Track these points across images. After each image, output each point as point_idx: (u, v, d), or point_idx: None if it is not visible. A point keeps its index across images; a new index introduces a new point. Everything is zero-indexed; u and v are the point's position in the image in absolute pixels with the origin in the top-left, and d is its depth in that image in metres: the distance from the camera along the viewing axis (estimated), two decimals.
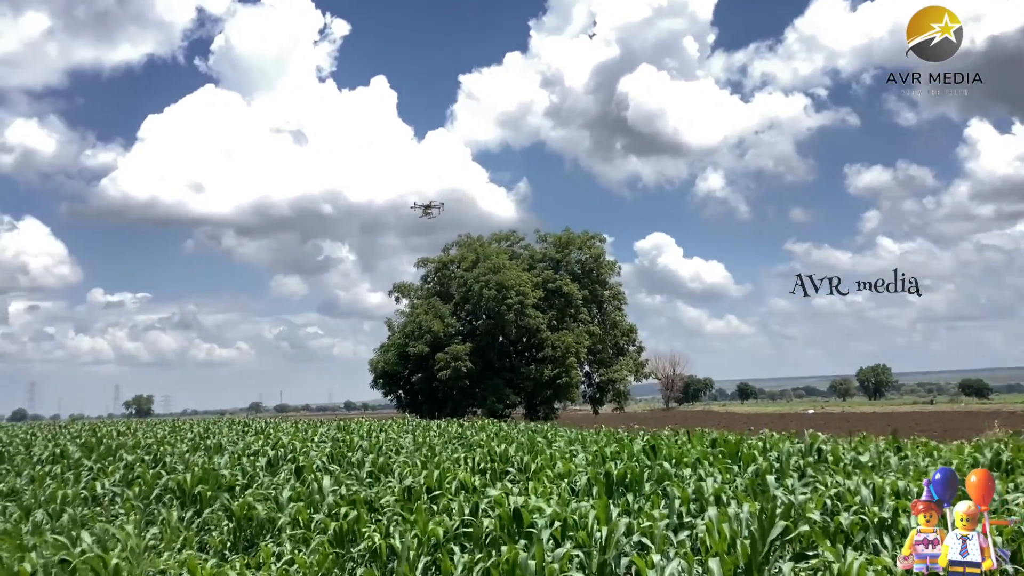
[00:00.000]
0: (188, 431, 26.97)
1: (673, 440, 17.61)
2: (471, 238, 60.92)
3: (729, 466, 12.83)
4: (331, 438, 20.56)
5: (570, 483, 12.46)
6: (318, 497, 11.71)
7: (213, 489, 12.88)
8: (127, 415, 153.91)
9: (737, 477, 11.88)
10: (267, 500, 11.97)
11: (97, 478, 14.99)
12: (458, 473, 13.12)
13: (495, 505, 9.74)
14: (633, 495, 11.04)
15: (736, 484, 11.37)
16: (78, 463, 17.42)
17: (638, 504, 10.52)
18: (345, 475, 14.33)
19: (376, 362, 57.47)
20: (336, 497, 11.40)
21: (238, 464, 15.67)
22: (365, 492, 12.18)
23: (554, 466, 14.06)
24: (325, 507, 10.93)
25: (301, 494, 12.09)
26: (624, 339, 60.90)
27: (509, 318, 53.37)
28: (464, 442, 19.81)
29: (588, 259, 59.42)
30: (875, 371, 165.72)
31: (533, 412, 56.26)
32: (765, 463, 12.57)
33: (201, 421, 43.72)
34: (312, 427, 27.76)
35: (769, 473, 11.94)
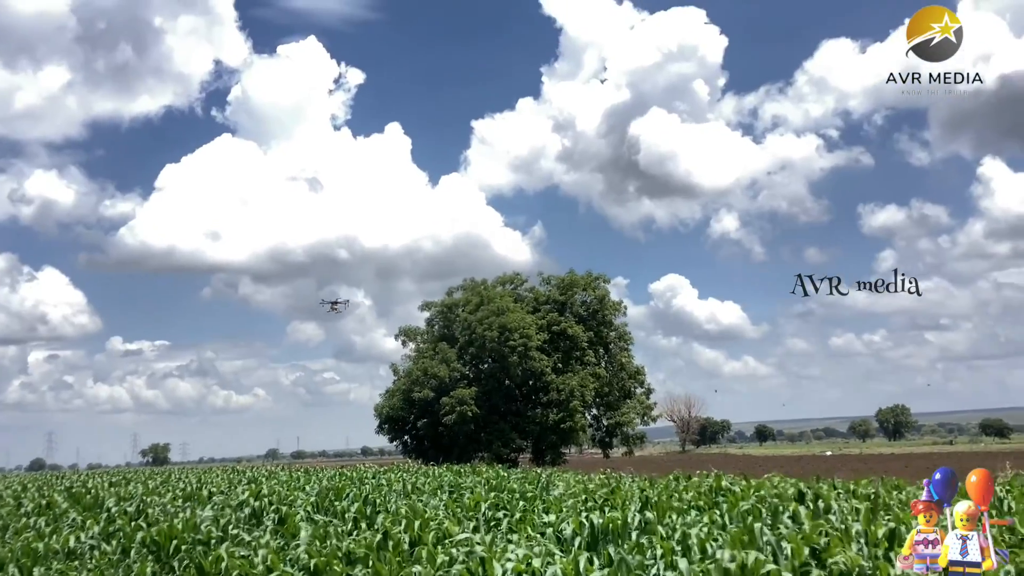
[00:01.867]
0: (180, 481, 26.59)
1: (666, 487, 17.19)
2: (475, 281, 60.72)
3: (718, 514, 12.41)
4: (320, 487, 20.16)
5: (556, 532, 12.12)
6: (292, 550, 11.39)
7: (188, 543, 12.57)
8: (144, 463, 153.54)
9: (721, 527, 11.45)
10: (241, 554, 11.61)
11: (78, 530, 14.68)
12: (443, 522, 12.79)
13: (465, 557, 9.40)
14: (615, 546, 10.67)
15: (724, 532, 10.98)
16: (63, 515, 17.14)
17: (619, 555, 10.15)
18: (328, 525, 13.97)
19: (381, 407, 57.03)
20: (311, 549, 11.04)
21: (222, 515, 15.34)
22: (346, 542, 11.83)
23: (544, 514, 13.71)
24: (289, 561, 10.57)
25: (278, 546, 11.77)
26: (631, 381, 60.19)
27: (513, 360, 52.94)
28: (457, 489, 19.39)
29: (593, 300, 59.02)
30: (894, 412, 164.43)
31: (540, 457, 55.59)
32: (755, 510, 12.16)
33: (194, 470, 43.31)
34: (306, 475, 27.37)
35: (758, 520, 11.55)
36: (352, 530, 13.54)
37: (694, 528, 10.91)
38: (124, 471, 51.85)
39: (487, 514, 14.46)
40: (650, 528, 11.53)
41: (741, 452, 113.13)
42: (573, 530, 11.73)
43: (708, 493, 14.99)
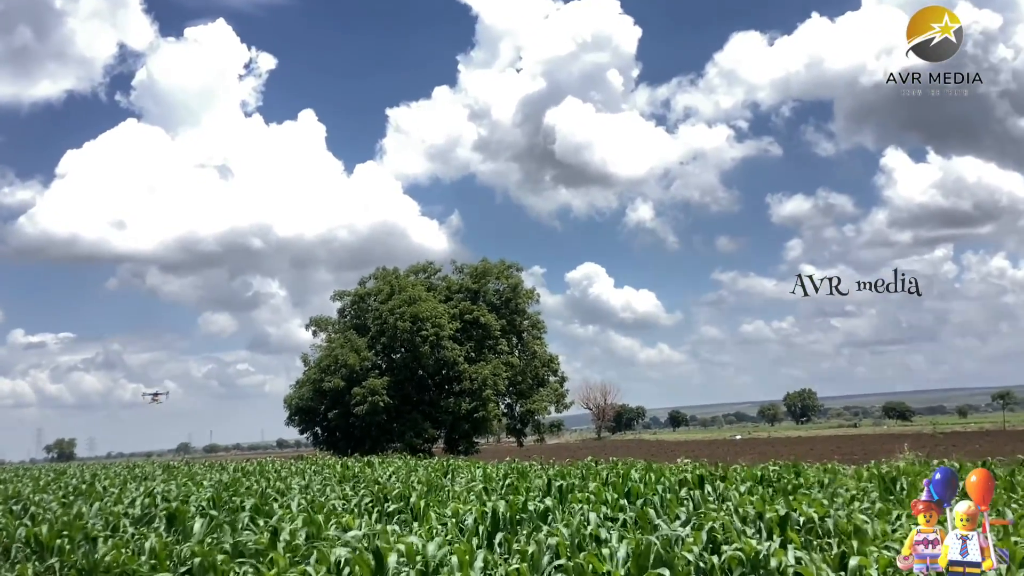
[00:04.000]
0: (72, 478, 25.56)
1: (566, 474, 17.20)
2: (387, 270, 60.04)
3: (619, 500, 12.43)
4: (217, 482, 19.59)
5: (459, 522, 11.95)
6: (178, 547, 10.94)
7: (73, 541, 11.99)
8: (49, 459, 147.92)
9: (622, 512, 11.46)
10: (129, 551, 11.12)
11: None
12: (342, 516, 12.51)
13: (359, 550, 9.14)
14: (514, 534, 10.57)
15: (624, 518, 10.99)
16: None
17: (517, 544, 10.06)
18: (221, 521, 13.51)
19: (291, 398, 55.95)
20: (196, 546, 10.62)
21: (112, 513, 14.73)
22: (236, 538, 11.44)
23: (446, 504, 13.55)
24: (175, 557, 10.16)
25: (166, 543, 11.31)
26: (544, 369, 60.40)
27: (425, 350, 52.58)
28: (360, 481, 19.06)
29: (506, 289, 58.99)
30: (801, 396, 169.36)
31: (453, 446, 55.41)
32: (656, 496, 12.23)
33: (91, 466, 41.82)
34: (208, 469, 26.64)
35: (656, 506, 11.61)
36: (247, 526, 13.12)
37: (591, 516, 10.89)
38: (19, 468, 49.79)
39: (390, 505, 14.23)
40: (550, 516, 11.49)
41: (655, 438, 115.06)
42: (474, 519, 11.59)
43: (613, 480, 15.02)
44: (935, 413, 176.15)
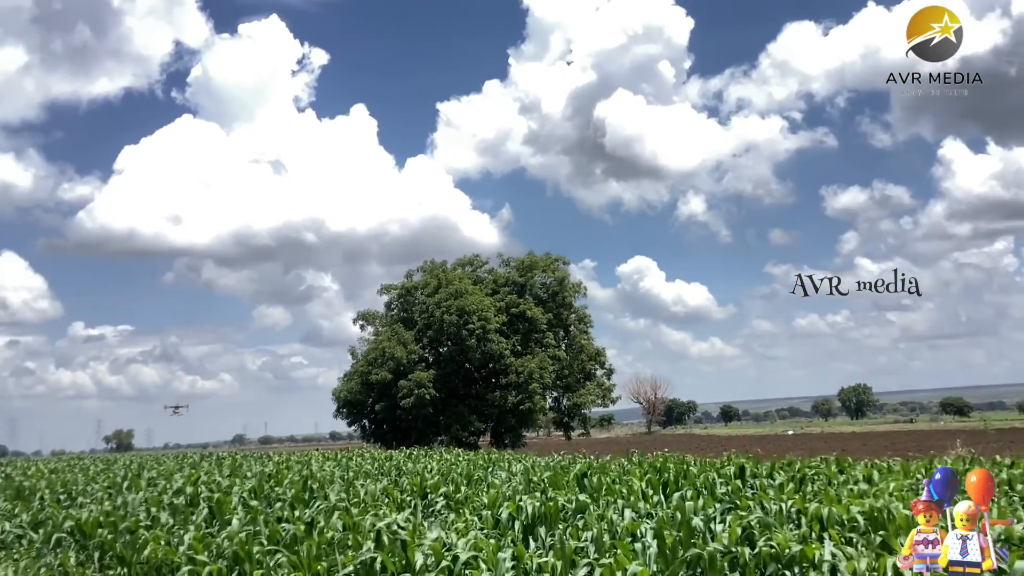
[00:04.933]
0: (122, 468, 26.05)
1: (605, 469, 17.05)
2: (434, 264, 60.29)
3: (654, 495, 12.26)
4: (259, 473, 19.79)
5: (494, 515, 11.87)
6: (216, 539, 11.03)
7: (114, 531, 12.17)
8: (109, 450, 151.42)
9: (657, 507, 11.29)
10: (167, 542, 11.25)
11: (6, 519, 14.25)
12: (379, 508, 12.53)
13: (387, 542, 9.11)
14: (546, 529, 10.47)
15: (660, 514, 10.82)
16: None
17: (551, 540, 9.97)
18: (261, 512, 13.62)
19: (339, 391, 56.46)
20: (233, 535, 10.70)
21: (159, 502, 14.94)
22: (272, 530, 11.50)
23: (483, 497, 13.50)
24: (213, 548, 10.24)
25: (206, 534, 11.42)
26: (591, 363, 60.13)
27: (471, 343, 52.66)
28: (401, 473, 19.13)
29: (552, 282, 58.85)
30: (856, 391, 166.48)
31: (499, 440, 55.48)
32: (692, 490, 12.03)
33: (140, 457, 42.62)
34: (254, 460, 26.96)
35: (696, 500, 11.41)
36: (287, 517, 13.19)
37: (628, 511, 10.75)
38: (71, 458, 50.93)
39: (429, 498, 14.23)
40: (587, 511, 11.36)
41: (706, 432, 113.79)
42: (510, 513, 11.51)
43: (653, 475, 14.83)
44: (994, 408, 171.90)
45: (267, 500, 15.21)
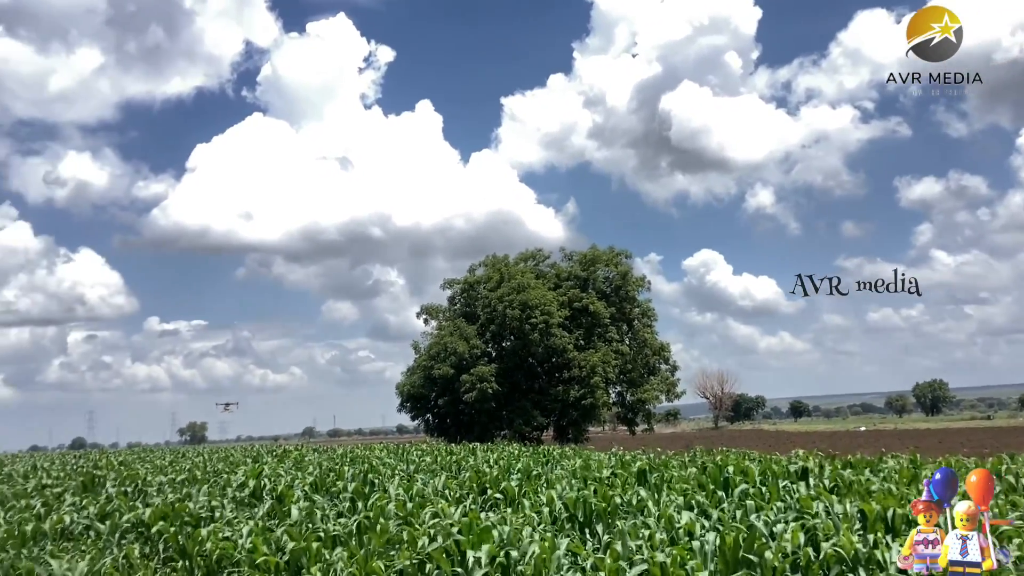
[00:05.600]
0: (188, 461, 26.59)
1: (670, 464, 16.78)
2: (496, 258, 60.26)
3: (716, 492, 11.99)
4: (320, 465, 19.98)
5: (552, 511, 11.77)
6: (278, 532, 11.12)
7: (177, 524, 12.35)
8: (183, 442, 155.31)
9: (717, 505, 11.04)
10: (228, 535, 11.37)
11: (74, 511, 14.54)
12: (438, 502, 12.51)
13: (444, 537, 9.05)
14: (603, 526, 10.32)
15: (720, 512, 10.58)
16: (63, 494, 17.03)
17: (608, 536, 9.81)
18: (321, 506, 13.73)
19: (403, 385, 56.85)
20: (291, 530, 10.77)
21: (222, 495, 15.17)
22: (331, 524, 11.56)
23: (541, 492, 13.39)
24: (272, 542, 10.31)
25: (265, 528, 11.52)
26: (655, 357, 59.51)
27: (534, 338, 52.54)
28: (460, 468, 19.12)
29: (615, 276, 58.38)
30: (932, 386, 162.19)
31: (562, 434, 55.29)
32: (754, 488, 11.75)
33: (209, 450, 43.44)
34: (315, 455, 27.26)
35: (758, 498, 11.14)
36: (346, 511, 13.27)
37: (686, 508, 10.54)
38: (140, 450, 52.23)
39: (487, 493, 14.16)
40: (645, 509, 11.18)
41: (774, 428, 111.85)
42: (567, 508, 11.39)
43: (714, 471, 14.54)
44: None
45: (328, 494, 15.33)
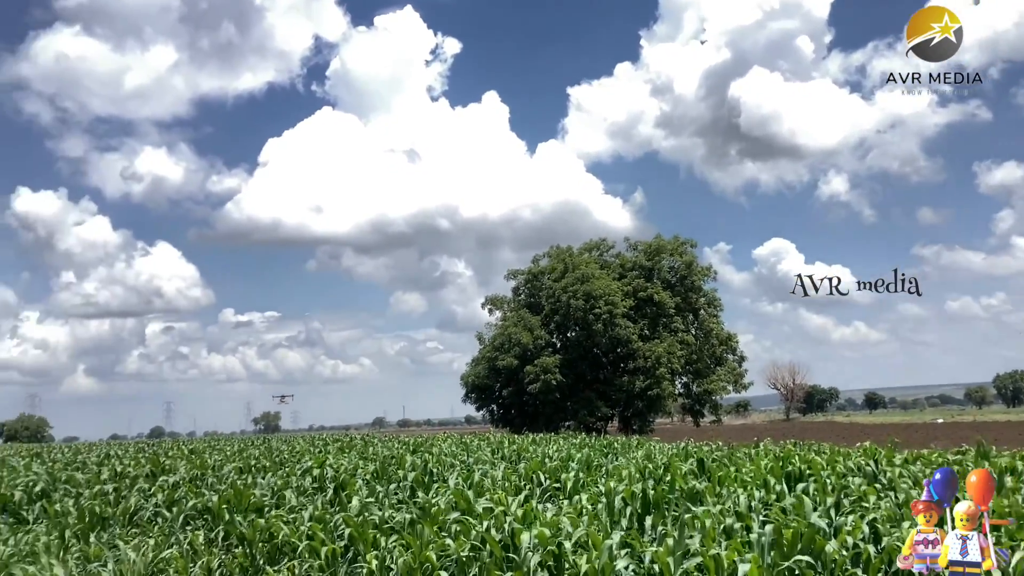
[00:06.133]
0: (255, 448, 27.12)
1: (733, 456, 16.52)
2: (560, 248, 60.21)
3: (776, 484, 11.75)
4: (382, 455, 20.18)
5: (609, 502, 11.67)
6: (338, 518, 11.25)
7: (240, 510, 12.58)
8: (257, 431, 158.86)
9: (778, 498, 10.82)
10: (290, 522, 11.55)
11: (143, 498, 14.93)
12: (495, 492, 12.51)
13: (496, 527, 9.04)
14: (659, 517, 10.18)
15: (780, 505, 10.37)
16: (134, 481, 17.50)
17: (663, 527, 9.69)
18: (380, 494, 13.87)
19: (467, 376, 57.23)
20: (349, 518, 10.89)
21: (286, 484, 15.41)
22: (388, 512, 11.65)
23: (598, 484, 13.30)
24: (330, 529, 10.43)
25: (325, 515, 11.66)
26: (722, 348, 58.84)
27: (598, 328, 52.36)
28: (520, 459, 19.12)
29: (680, 266, 57.86)
30: (1013, 377, 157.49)
31: (627, 425, 55.03)
32: (817, 482, 11.47)
33: (275, 438, 44.23)
34: (379, 444, 27.55)
35: (821, 491, 10.89)
36: (405, 499, 13.37)
37: (746, 501, 10.35)
38: (215, 439, 53.46)
39: (546, 483, 14.13)
40: (703, 500, 11.02)
41: (848, 420, 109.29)
42: (624, 499, 11.29)
43: (777, 463, 14.27)
44: None
45: (388, 482, 15.47)
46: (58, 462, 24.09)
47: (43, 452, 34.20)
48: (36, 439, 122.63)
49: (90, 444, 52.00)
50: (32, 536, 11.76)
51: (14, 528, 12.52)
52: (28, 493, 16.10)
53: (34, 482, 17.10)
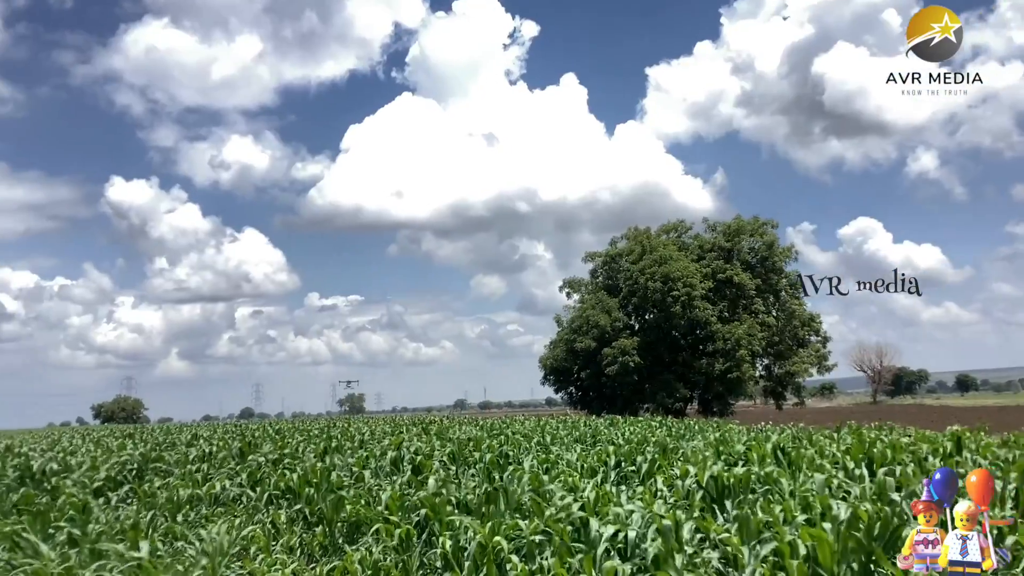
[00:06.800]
0: (335, 430, 27.65)
1: (813, 439, 16.21)
2: (638, 230, 59.70)
3: (856, 468, 11.50)
4: (459, 437, 20.38)
5: (684, 485, 11.60)
6: (414, 499, 11.42)
7: (320, 490, 12.87)
8: (343, 412, 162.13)
9: (858, 482, 10.58)
10: (367, 502, 11.78)
11: (226, 478, 15.38)
12: (570, 475, 12.54)
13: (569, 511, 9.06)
14: (734, 501, 10.08)
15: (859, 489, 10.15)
16: (223, 462, 18.05)
17: (738, 512, 9.57)
18: (456, 475, 14.04)
19: (545, 358, 57.34)
20: (425, 497, 11.04)
21: (366, 464, 15.71)
22: (462, 493, 11.79)
23: (672, 467, 13.22)
24: (406, 508, 10.60)
25: (402, 495, 11.86)
26: (804, 329, 57.65)
27: (676, 310, 51.82)
28: (595, 441, 19.12)
29: (761, 246, 56.79)
30: None
31: (707, 408, 54.45)
32: (900, 465, 11.20)
33: (357, 420, 44.95)
34: (457, 426, 27.84)
35: (904, 475, 10.63)
36: (482, 481, 13.50)
37: (825, 485, 10.16)
38: (299, 420, 54.73)
39: (621, 466, 14.10)
40: (780, 484, 10.85)
41: (938, 403, 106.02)
42: (697, 483, 11.19)
43: (858, 447, 13.96)
44: None
45: (465, 464, 15.65)
46: (149, 443, 24.99)
47: (135, 433, 35.55)
48: (132, 420, 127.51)
49: (181, 425, 53.75)
50: (123, 515, 12.25)
51: (105, 508, 13.02)
52: (121, 473, 16.77)
53: (127, 462, 17.80)
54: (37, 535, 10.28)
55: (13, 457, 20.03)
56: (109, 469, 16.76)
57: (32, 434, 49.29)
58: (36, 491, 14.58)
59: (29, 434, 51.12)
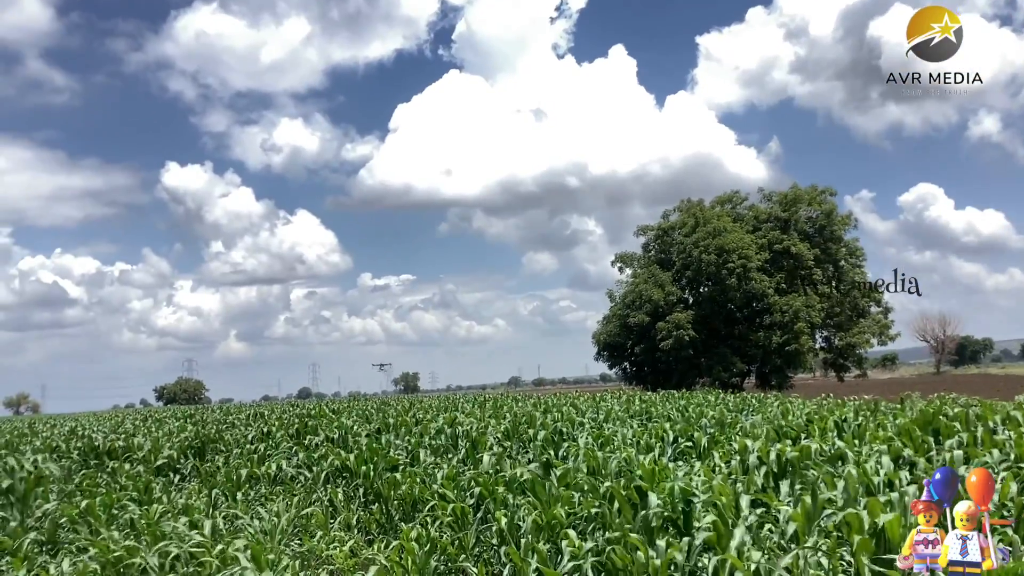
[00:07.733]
0: (391, 409, 27.84)
1: (877, 412, 15.82)
2: (691, 202, 58.89)
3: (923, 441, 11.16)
4: (514, 414, 20.33)
5: (743, 461, 11.39)
6: (469, 477, 11.40)
7: (377, 469, 12.92)
8: (398, 391, 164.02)
9: (921, 455, 10.27)
10: (423, 480, 11.78)
11: (283, 458, 15.53)
12: (627, 450, 12.40)
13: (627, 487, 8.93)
14: (795, 476, 9.85)
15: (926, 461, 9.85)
16: (281, 442, 18.25)
17: (799, 488, 9.36)
18: (510, 453, 13.99)
19: (599, 334, 57.09)
20: (478, 475, 11.01)
21: (421, 443, 15.75)
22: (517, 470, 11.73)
23: (731, 442, 13.01)
24: (461, 487, 10.58)
25: (458, 473, 11.85)
26: (865, 299, 56.36)
27: (731, 283, 51.07)
28: (651, 417, 18.92)
29: (819, 216, 55.61)
30: None
31: (765, 381, 53.76)
32: (969, 437, 10.84)
33: (411, 399, 45.24)
34: (511, 403, 27.82)
35: (972, 447, 10.29)
36: (535, 458, 13.42)
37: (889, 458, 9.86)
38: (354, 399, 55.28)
39: (678, 442, 13.91)
40: (843, 459, 10.59)
41: (1003, 372, 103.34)
42: (758, 458, 10.98)
43: (921, 418, 13.57)
44: None
45: (519, 441, 15.59)
46: (210, 423, 25.42)
47: (196, 413, 36.25)
48: (193, 401, 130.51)
49: (240, 406, 54.69)
50: (185, 494, 12.45)
51: (167, 487, 13.25)
52: (183, 453, 17.07)
53: (188, 442, 18.11)
54: (101, 515, 10.49)
55: (77, 439, 20.54)
56: (170, 449, 17.08)
57: (97, 416, 50.66)
58: (99, 471, 14.91)
59: (94, 416, 52.57)
